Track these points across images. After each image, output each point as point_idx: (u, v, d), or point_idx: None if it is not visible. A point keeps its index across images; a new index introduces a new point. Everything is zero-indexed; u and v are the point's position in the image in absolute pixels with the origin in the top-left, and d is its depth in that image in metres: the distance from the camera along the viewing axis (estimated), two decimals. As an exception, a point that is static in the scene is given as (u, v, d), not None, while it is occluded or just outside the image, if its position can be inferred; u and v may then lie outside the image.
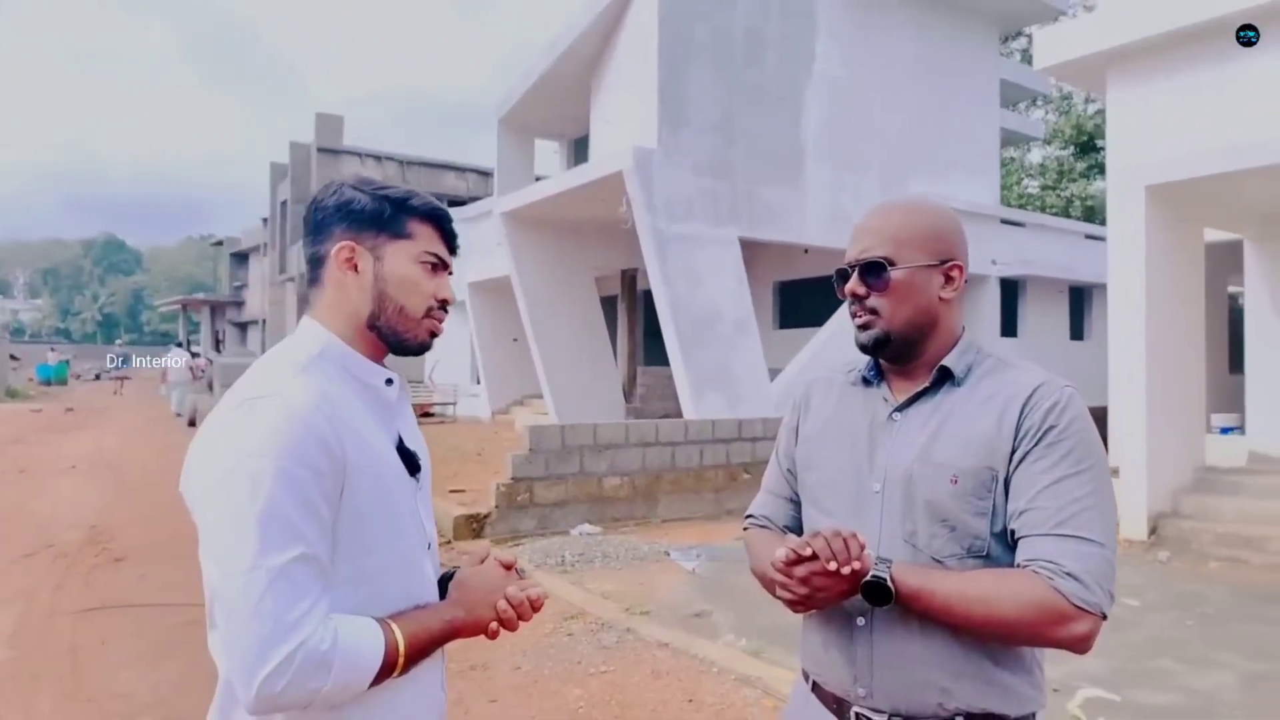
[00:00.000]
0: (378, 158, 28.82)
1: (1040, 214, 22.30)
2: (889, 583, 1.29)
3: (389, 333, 1.35)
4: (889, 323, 1.43)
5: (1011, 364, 1.45)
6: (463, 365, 21.58)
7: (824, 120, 13.24)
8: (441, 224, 1.38)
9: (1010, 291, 16.10)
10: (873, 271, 1.43)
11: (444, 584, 1.41)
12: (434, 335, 1.39)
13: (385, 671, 1.21)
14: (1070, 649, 1.28)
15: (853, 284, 1.45)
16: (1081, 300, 17.73)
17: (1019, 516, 1.32)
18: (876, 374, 1.52)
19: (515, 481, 8.17)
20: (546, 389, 15.19)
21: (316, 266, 1.36)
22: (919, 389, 1.45)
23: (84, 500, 9.57)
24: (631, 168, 11.23)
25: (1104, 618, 1.28)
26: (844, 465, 1.50)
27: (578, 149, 19.27)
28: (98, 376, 40.91)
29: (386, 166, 28.45)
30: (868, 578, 1.30)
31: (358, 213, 1.33)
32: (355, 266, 1.33)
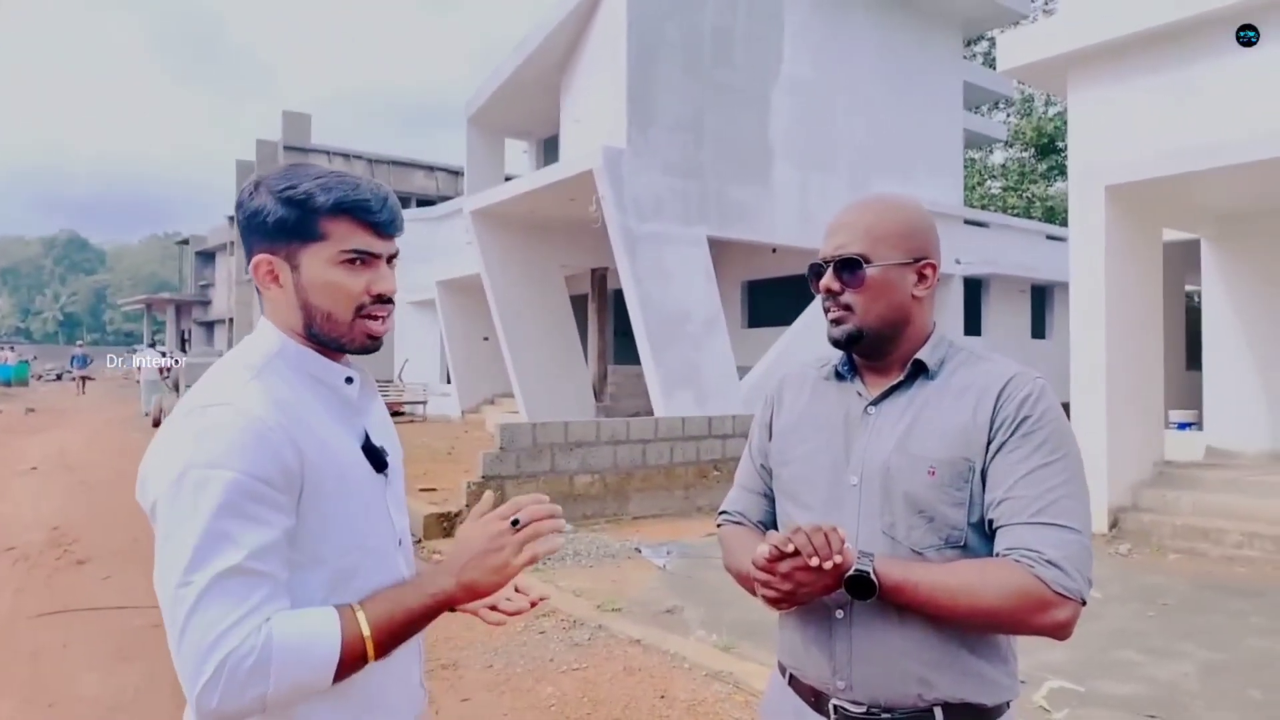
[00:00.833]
0: (346, 156, 28.57)
1: (1003, 215, 22.60)
2: (872, 576, 1.29)
3: (326, 339, 1.29)
4: (862, 319, 1.44)
5: (984, 357, 1.47)
6: (433, 364, 21.47)
7: (792, 121, 13.33)
8: (358, 214, 1.25)
9: (973, 290, 16.30)
10: (848, 268, 1.43)
11: None
12: (372, 336, 1.30)
13: (353, 660, 1.16)
14: (1051, 635, 1.31)
15: (827, 280, 1.46)
16: (1043, 299, 17.99)
17: (997, 506, 1.34)
18: (850, 368, 1.53)
19: (486, 480, 8.15)
20: (517, 388, 15.16)
21: (253, 277, 1.31)
22: (893, 383, 1.47)
23: (45, 502, 9.40)
24: (601, 167, 11.25)
25: (1083, 603, 1.30)
26: (819, 459, 1.50)
27: (547, 148, 19.24)
28: (59, 377, 40.12)
29: (355, 165, 28.18)
30: (851, 572, 1.29)
31: (264, 223, 1.25)
32: (276, 279, 1.27)
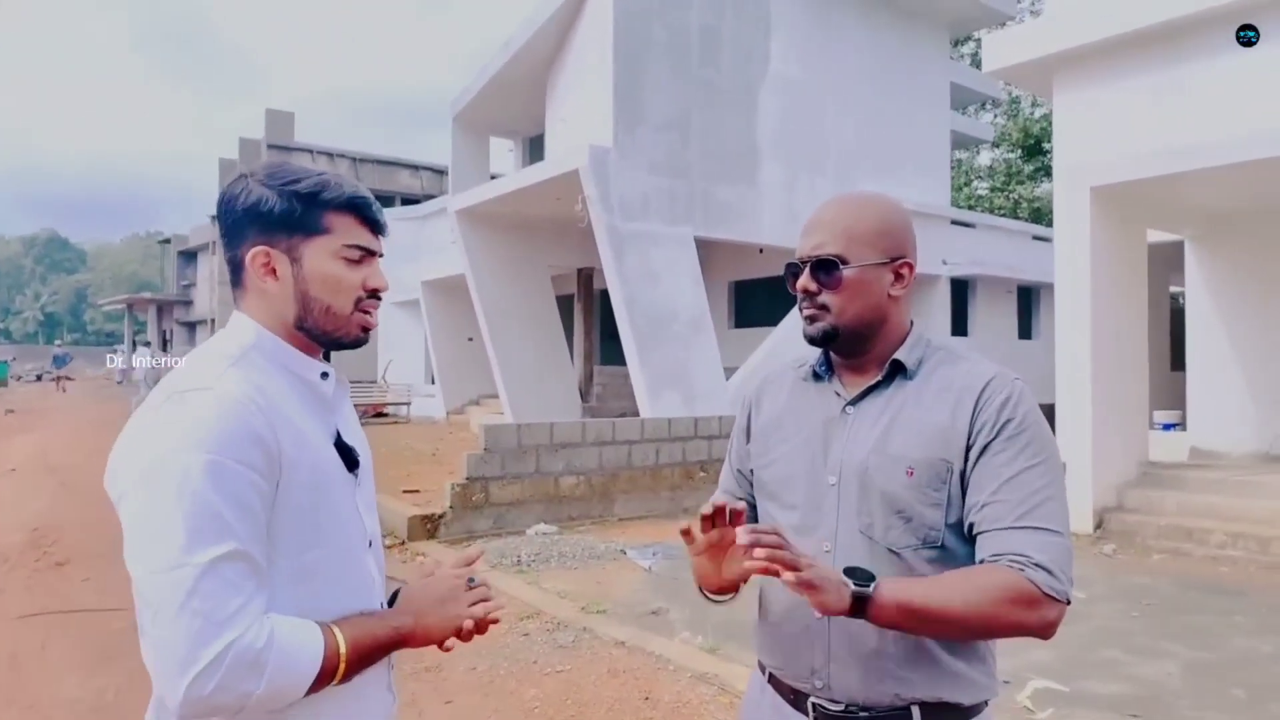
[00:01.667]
0: (330, 154, 28.39)
1: (989, 215, 22.69)
2: (868, 591, 1.22)
3: (318, 332, 1.30)
4: (838, 318, 1.43)
5: (962, 357, 1.46)
6: (417, 365, 21.38)
7: (779, 121, 13.33)
8: (360, 211, 1.30)
9: (960, 291, 16.35)
10: (825, 269, 1.43)
11: (392, 602, 1.37)
12: (366, 329, 1.33)
13: (325, 677, 1.15)
14: (1039, 635, 1.31)
15: (804, 280, 1.45)
16: (1029, 300, 18.07)
17: (981, 509, 1.33)
18: (827, 368, 1.53)
19: (470, 481, 8.10)
20: (502, 388, 15.09)
21: (237, 270, 1.29)
22: (871, 382, 1.46)
23: (25, 503, 9.30)
24: (587, 166, 11.21)
25: (1068, 603, 1.31)
26: (798, 460, 1.49)
27: (533, 147, 19.18)
28: (39, 377, 39.80)
29: (339, 163, 28.01)
30: (854, 589, 1.22)
31: (268, 214, 1.25)
32: (274, 272, 1.27)
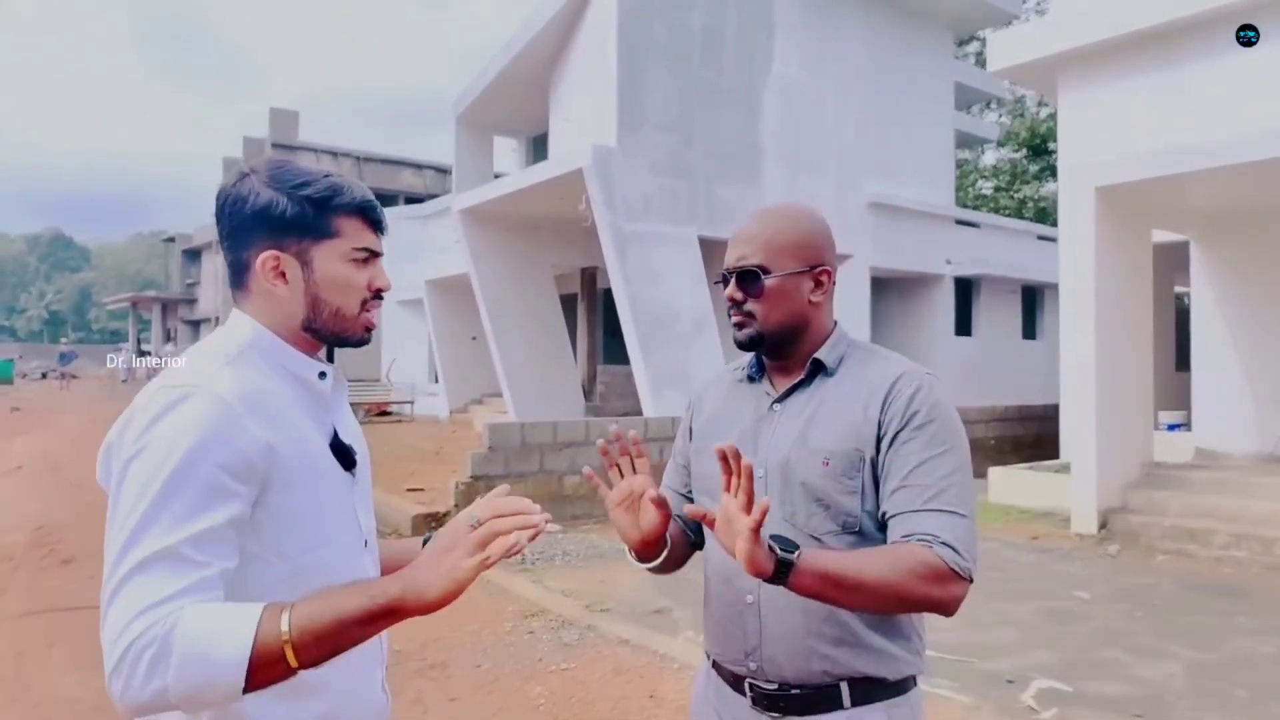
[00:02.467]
0: (333, 153, 28.40)
1: (994, 215, 22.66)
2: (792, 559, 1.26)
3: (326, 333, 1.32)
4: (762, 324, 1.54)
5: (878, 355, 1.59)
6: (420, 364, 21.38)
7: (781, 121, 13.34)
8: (367, 213, 1.32)
9: (964, 291, 16.34)
10: (749, 279, 1.54)
11: None
12: (369, 329, 1.35)
13: (270, 666, 1.04)
14: (944, 610, 1.36)
15: (730, 290, 1.57)
16: (1034, 300, 18.04)
17: (893, 495, 1.43)
18: (759, 370, 1.64)
19: (475, 480, 8.13)
20: (506, 387, 15.10)
21: (241, 272, 1.29)
22: (795, 381, 1.58)
23: (30, 501, 9.33)
24: (591, 166, 11.22)
25: (971, 581, 1.37)
26: None
27: (536, 146, 19.19)
28: (44, 375, 39.90)
29: (342, 162, 28.02)
30: (779, 555, 1.26)
31: (279, 218, 1.25)
32: (283, 275, 1.27)
